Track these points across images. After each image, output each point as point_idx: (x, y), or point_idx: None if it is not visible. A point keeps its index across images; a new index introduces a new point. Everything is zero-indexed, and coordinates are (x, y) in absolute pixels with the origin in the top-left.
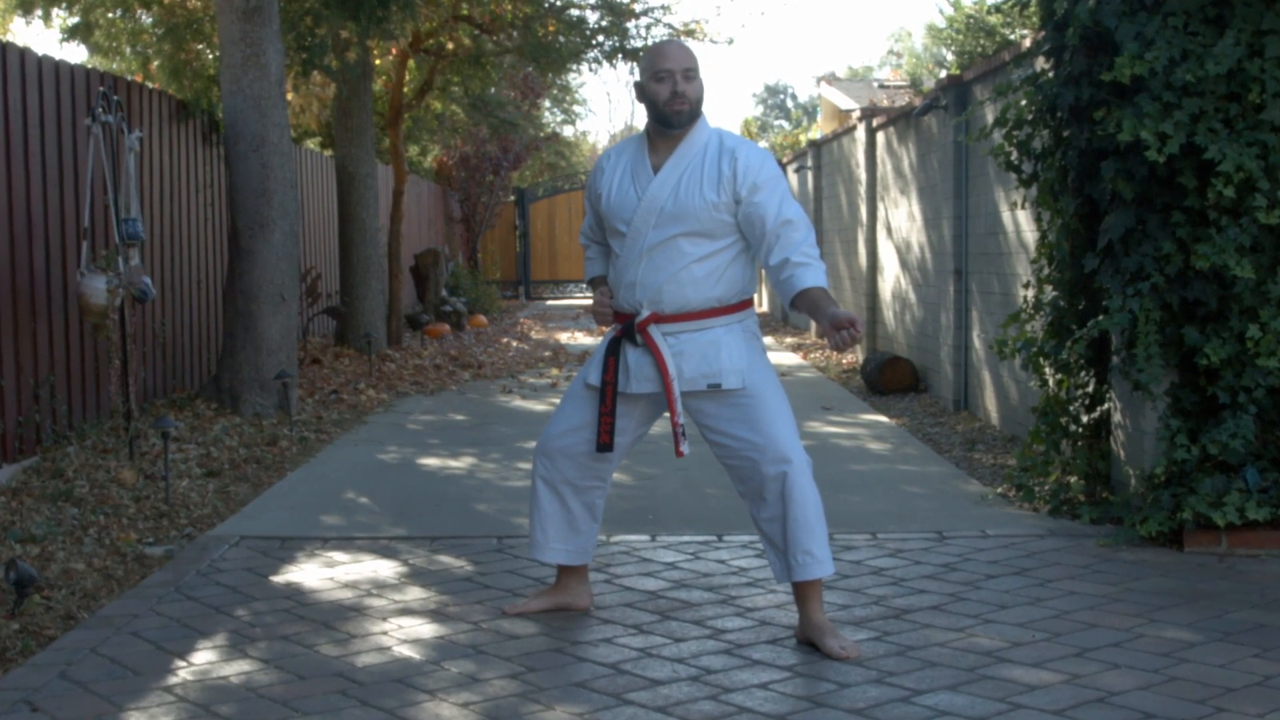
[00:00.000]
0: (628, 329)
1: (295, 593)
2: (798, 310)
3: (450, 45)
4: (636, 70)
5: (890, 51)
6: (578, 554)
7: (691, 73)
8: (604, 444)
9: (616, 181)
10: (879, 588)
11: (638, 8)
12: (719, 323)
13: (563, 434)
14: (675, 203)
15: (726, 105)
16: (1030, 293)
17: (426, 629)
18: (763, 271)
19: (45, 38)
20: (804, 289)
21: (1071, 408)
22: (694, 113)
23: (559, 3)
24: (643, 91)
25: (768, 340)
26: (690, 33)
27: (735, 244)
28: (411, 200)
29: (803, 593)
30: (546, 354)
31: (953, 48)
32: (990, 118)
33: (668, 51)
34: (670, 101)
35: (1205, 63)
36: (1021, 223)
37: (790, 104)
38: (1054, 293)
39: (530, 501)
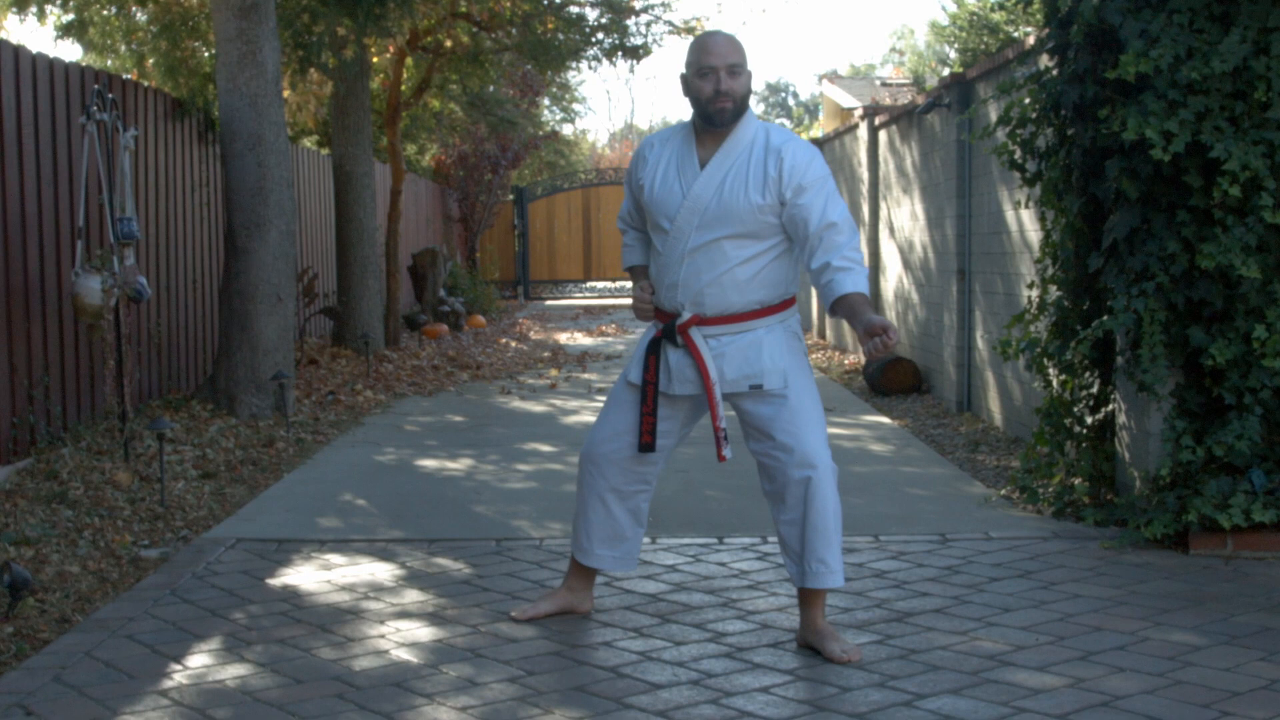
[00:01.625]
0: (668, 330)
1: (292, 595)
2: (837, 316)
3: (448, 43)
4: (682, 63)
5: (893, 49)
6: (623, 560)
7: (737, 68)
8: (646, 444)
9: (661, 173)
10: (881, 590)
11: (637, 5)
12: (761, 324)
13: (607, 439)
14: (720, 204)
15: None
16: (1034, 293)
17: (424, 632)
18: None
19: (39, 35)
20: (843, 294)
21: (1076, 409)
22: (739, 110)
23: (558, 0)
24: (687, 86)
25: None
26: (691, 30)
27: (780, 244)
28: (409, 199)
29: (808, 598)
30: (545, 355)
31: (956, 45)
32: (994, 116)
33: (711, 46)
34: (714, 99)
35: (1211, 60)
36: (1025, 222)
37: (792, 102)
38: (1058, 293)
39: (576, 505)
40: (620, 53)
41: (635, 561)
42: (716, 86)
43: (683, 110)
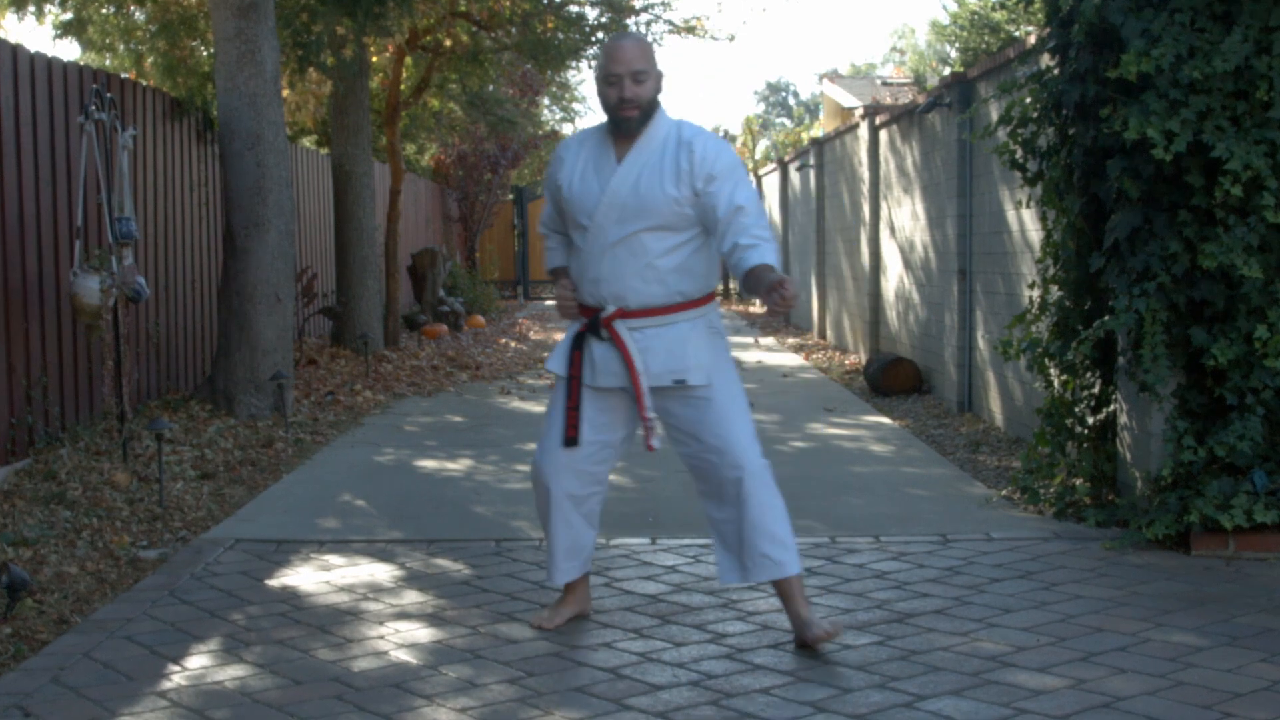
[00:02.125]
0: (593, 323)
1: (291, 596)
2: (750, 292)
3: (448, 42)
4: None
5: (893, 48)
6: (582, 565)
7: (642, 75)
8: (570, 439)
9: (579, 174)
10: (882, 591)
11: (637, 4)
12: (684, 317)
13: (557, 446)
14: (637, 198)
15: (728, 103)
16: (1035, 293)
17: (424, 633)
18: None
19: (38, 34)
20: (749, 268)
21: (1077, 409)
22: (645, 115)
23: None
24: (598, 91)
25: (769, 340)
26: (691, 29)
27: (697, 235)
28: (408, 199)
29: (781, 591)
30: (545, 355)
31: (957, 44)
32: (995, 115)
33: (617, 53)
34: (620, 106)
35: (1212, 59)
36: (1026, 222)
37: (792, 101)
38: (1059, 293)
39: (543, 526)
40: None
41: (590, 563)
42: (621, 94)
43: (682, 110)
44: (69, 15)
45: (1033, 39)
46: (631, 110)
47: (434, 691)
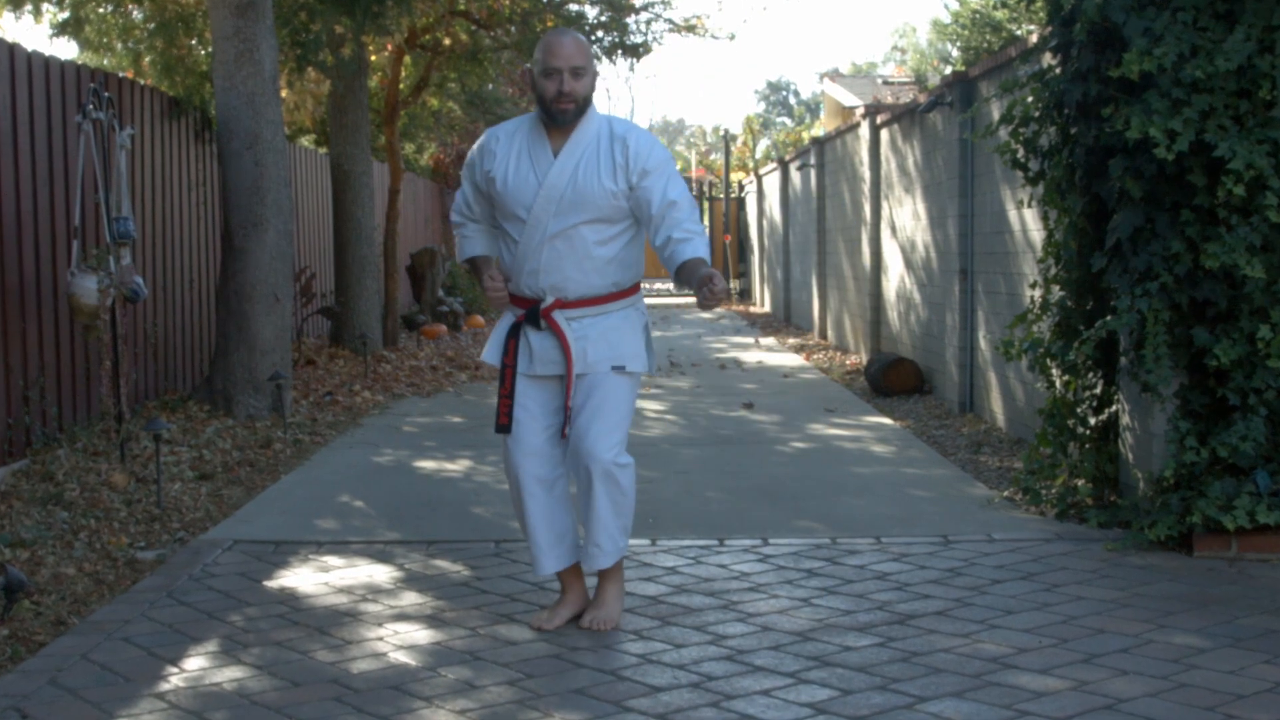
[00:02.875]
0: (531, 314)
1: (289, 598)
2: (683, 284)
3: (447, 41)
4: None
5: (895, 47)
6: (569, 553)
7: (580, 70)
8: (503, 425)
9: (512, 165)
10: (883, 593)
11: (637, 3)
12: (616, 307)
13: (525, 435)
14: (575, 191)
15: (728, 102)
16: (1037, 293)
17: (423, 634)
18: (765, 271)
19: (35, 33)
20: (683, 261)
21: (1079, 410)
22: (580, 110)
23: None
24: (533, 83)
25: (769, 341)
26: (691, 28)
27: (630, 227)
28: (408, 198)
29: (601, 573)
30: None
31: (958, 43)
32: (996, 115)
33: (557, 48)
34: (557, 99)
35: (1215, 58)
36: (1028, 221)
37: (793, 101)
38: (1061, 293)
39: (521, 521)
40: (620, 51)
41: (577, 549)
42: (560, 87)
43: (682, 109)
44: (66, 14)
45: (1034, 38)
46: (568, 104)
47: (433, 693)
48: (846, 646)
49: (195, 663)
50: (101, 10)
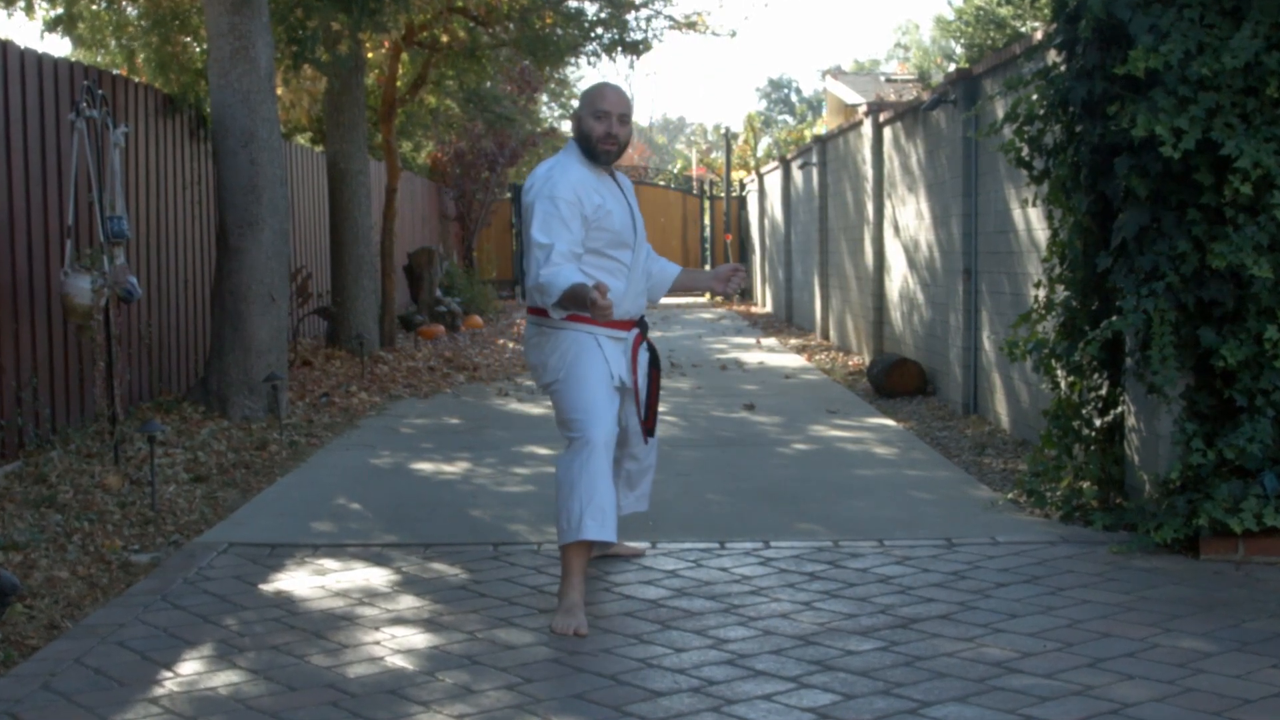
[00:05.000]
0: (644, 332)
1: (285, 601)
2: (676, 290)
3: (445, 38)
4: (578, 102)
5: (898, 44)
6: (617, 525)
7: (625, 118)
8: (650, 429)
9: (609, 201)
10: (886, 596)
11: (637, 0)
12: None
13: (610, 425)
14: (639, 224)
15: (729, 100)
16: (1041, 293)
17: (420, 638)
18: (767, 271)
19: (27, 30)
20: (673, 275)
21: (1084, 411)
22: (619, 153)
23: None
24: (579, 125)
25: (771, 341)
26: (691, 25)
27: None
28: (405, 197)
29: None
30: None
31: (962, 41)
32: (1000, 113)
33: (610, 94)
34: (603, 140)
35: (1222, 56)
36: (1033, 221)
37: (795, 99)
38: (1066, 293)
39: (581, 498)
40: (620, 48)
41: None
42: (608, 129)
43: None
44: (59, 10)
45: (1039, 35)
46: (612, 145)
47: (430, 698)
48: (849, 650)
49: (190, 667)
50: (95, 7)
